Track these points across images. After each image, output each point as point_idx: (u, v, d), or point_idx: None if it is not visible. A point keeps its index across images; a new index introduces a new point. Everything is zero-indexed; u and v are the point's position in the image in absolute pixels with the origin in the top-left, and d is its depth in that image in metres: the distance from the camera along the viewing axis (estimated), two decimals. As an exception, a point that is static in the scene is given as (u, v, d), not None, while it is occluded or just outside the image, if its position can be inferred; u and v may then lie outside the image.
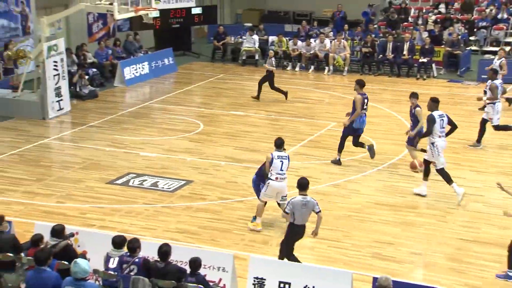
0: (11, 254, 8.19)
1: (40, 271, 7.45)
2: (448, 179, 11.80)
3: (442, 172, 11.86)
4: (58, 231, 8.33)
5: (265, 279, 8.34)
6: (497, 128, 14.68)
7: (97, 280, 8.11)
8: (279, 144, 10.60)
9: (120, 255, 8.08)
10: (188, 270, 7.85)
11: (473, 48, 23.33)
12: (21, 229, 9.91)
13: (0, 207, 11.43)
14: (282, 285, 8.24)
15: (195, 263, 7.82)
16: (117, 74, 20.14)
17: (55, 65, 16.66)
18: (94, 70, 19.83)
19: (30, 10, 19.99)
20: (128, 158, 13.95)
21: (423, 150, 12.42)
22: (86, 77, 18.90)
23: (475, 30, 23.99)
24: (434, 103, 11.93)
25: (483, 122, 14.67)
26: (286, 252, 9.19)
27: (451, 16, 24.29)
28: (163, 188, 12.26)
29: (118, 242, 8.21)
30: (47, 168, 13.42)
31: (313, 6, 28.40)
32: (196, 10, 23.84)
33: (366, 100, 13.19)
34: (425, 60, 20.95)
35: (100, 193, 12.25)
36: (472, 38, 23.78)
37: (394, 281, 7.40)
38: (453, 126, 12.15)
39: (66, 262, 7.69)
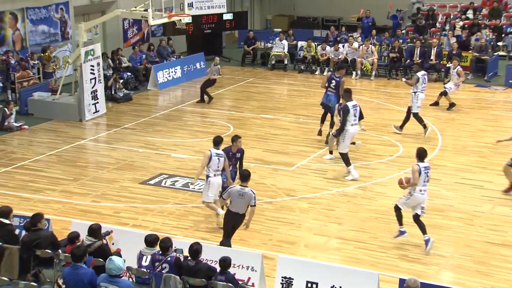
0: (49, 251, 8.32)
1: (76, 268, 7.55)
2: (347, 163, 12.74)
3: (343, 155, 12.73)
4: (94, 230, 8.43)
5: (292, 279, 8.32)
6: (415, 116, 15.32)
7: (130, 277, 8.21)
8: (217, 142, 10.69)
9: (153, 253, 8.15)
10: (218, 269, 7.88)
11: (501, 53, 22.94)
12: (59, 227, 10.07)
13: (40, 205, 11.64)
14: (309, 285, 8.22)
15: (225, 262, 7.84)
16: (151, 77, 20.32)
17: (91, 69, 16.89)
18: (129, 74, 20.04)
19: (69, 17, 20.30)
20: (160, 159, 14.05)
21: (353, 143, 13.20)
22: (121, 80, 19.12)
23: (503, 35, 23.61)
24: (347, 93, 12.91)
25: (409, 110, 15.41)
26: (223, 235, 9.56)
27: (479, 21, 23.93)
28: (194, 188, 12.32)
29: (150, 240, 8.29)
30: (83, 168, 13.61)
31: (342, 12, 28.25)
32: (227, 16, 23.93)
33: (333, 80, 14.02)
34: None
35: (133, 193, 12.37)
36: (500, 43, 23.40)
37: (422, 283, 7.32)
38: (361, 116, 12.99)
39: (101, 260, 7.79)
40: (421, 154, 10.02)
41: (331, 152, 13.95)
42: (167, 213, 11.52)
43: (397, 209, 10.21)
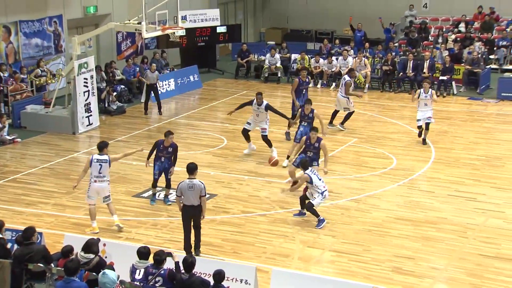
0: (41, 265, 8.28)
1: (69, 281, 7.52)
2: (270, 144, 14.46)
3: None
4: (89, 245, 8.36)
5: (286, 292, 8.31)
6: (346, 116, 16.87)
7: (123, 290, 8.16)
8: (100, 147, 11.05)
9: (146, 266, 8.13)
10: (212, 282, 7.86)
11: (493, 66, 23.11)
12: (52, 240, 10.04)
13: (33, 219, 11.60)
14: (303, 298, 8.21)
15: (219, 275, 7.83)
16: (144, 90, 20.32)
17: (85, 82, 16.91)
18: (122, 86, 20.06)
19: (63, 30, 20.33)
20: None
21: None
22: (114, 93, 19.13)
23: (495, 49, 23.80)
24: (259, 95, 14.65)
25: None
26: (184, 231, 10.05)
27: (471, 35, 24.13)
28: (187, 201, 12.27)
29: (143, 253, 8.27)
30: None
31: (335, 25, 28.43)
32: (221, 29, 24.03)
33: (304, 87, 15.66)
34: (445, 78, 20.82)
35: (126, 205, 12.35)
36: (492, 56, 23.58)
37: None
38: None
39: (94, 274, 7.76)
40: (305, 165, 11.45)
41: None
42: (160, 226, 11.50)
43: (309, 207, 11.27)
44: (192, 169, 10.03)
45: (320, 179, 11.39)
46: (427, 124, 15.65)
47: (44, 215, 11.81)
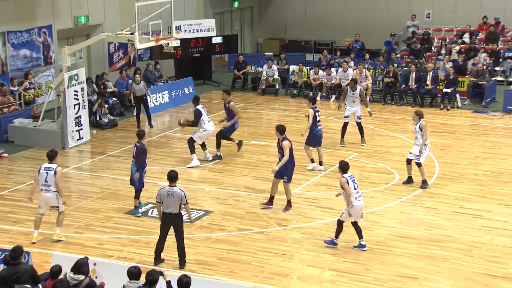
0: (28, 286, 8.24)
1: (57, 303, 7.47)
2: (192, 150, 15.27)
3: (189, 142, 15.31)
4: (79, 266, 8.30)
5: (285, 313, 8.26)
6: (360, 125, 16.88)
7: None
8: (50, 156, 11.40)
9: (137, 287, 8.09)
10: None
11: (499, 78, 23.22)
12: (39, 260, 10.00)
13: (20, 238, 11.56)
14: (302, 319, 8.16)
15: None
16: (137, 103, 20.35)
17: (75, 95, 16.94)
18: (114, 99, 20.10)
19: (52, 40, 20.40)
20: (147, 187, 13.99)
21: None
22: (106, 106, 19.15)
23: (500, 60, 23.92)
24: (196, 98, 15.67)
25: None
26: (159, 236, 10.46)
27: (476, 46, 24.26)
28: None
29: (134, 273, 8.23)
30: (66, 198, 13.51)
31: (334, 36, 28.60)
32: (217, 40, 24.14)
33: (318, 114, 14.98)
34: (449, 90, 20.90)
35: (118, 223, 12.32)
36: (497, 68, 23.70)
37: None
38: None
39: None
40: (344, 167, 11.09)
41: (312, 161, 14.98)
42: (153, 244, 11.43)
43: (340, 223, 11.15)
44: (172, 177, 10.38)
45: (355, 189, 11.03)
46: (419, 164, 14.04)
47: (31, 234, 11.75)
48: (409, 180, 14.08)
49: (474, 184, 14.36)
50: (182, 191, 10.26)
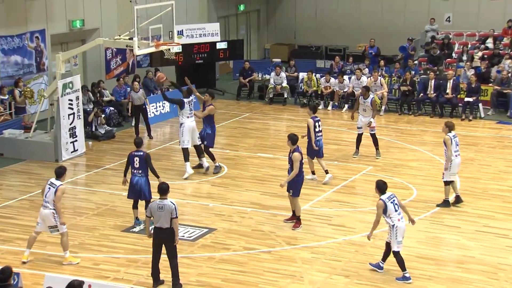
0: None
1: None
2: (186, 158, 15.48)
3: (184, 150, 15.47)
4: None
5: None
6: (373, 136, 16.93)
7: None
8: (60, 173, 11.44)
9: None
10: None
11: (525, 86, 23.19)
12: (30, 282, 10.03)
13: (9, 257, 11.59)
14: None
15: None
16: (136, 113, 20.44)
17: (70, 104, 17.02)
18: (112, 108, 20.18)
19: (45, 46, 20.54)
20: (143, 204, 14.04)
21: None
22: (102, 116, 19.23)
23: (526, 66, 23.90)
24: (185, 92, 16.03)
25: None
26: (152, 255, 10.44)
27: (500, 51, 24.26)
28: (183, 236, 12.28)
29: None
30: (64, 219, 13.54)
31: (347, 41, 28.68)
32: (221, 45, 24.25)
33: (318, 123, 15.18)
34: (470, 99, 20.89)
35: (115, 241, 12.33)
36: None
37: None
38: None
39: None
40: (381, 187, 10.82)
41: (313, 172, 15.27)
42: (152, 264, 11.45)
43: (396, 254, 10.74)
44: (163, 189, 10.43)
45: (396, 210, 10.76)
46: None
47: (22, 253, 11.77)
48: (458, 200, 13.87)
49: (498, 200, 14.31)
50: (173, 204, 10.29)
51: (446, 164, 13.63)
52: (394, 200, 10.82)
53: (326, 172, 15.21)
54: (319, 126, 15.15)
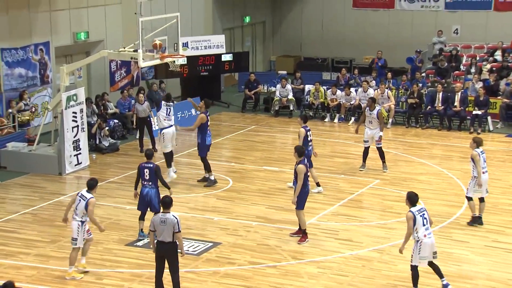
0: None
1: None
2: (169, 163, 15.93)
3: (166, 155, 16.05)
4: None
5: None
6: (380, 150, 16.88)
7: None
8: (91, 185, 11.40)
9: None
10: None
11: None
12: (33, 295, 10.00)
13: (11, 272, 11.58)
14: None
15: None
16: (140, 125, 20.48)
17: (74, 116, 17.08)
18: (116, 121, 20.23)
19: (50, 58, 20.63)
20: (150, 217, 13.96)
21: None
22: (106, 128, 19.27)
23: (536, 79, 23.88)
24: (165, 97, 16.53)
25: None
26: (155, 270, 10.47)
27: (509, 64, 24.25)
28: (187, 250, 12.27)
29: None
30: (62, 229, 13.55)
31: (354, 53, 28.73)
32: (227, 57, 24.32)
33: (309, 133, 15.25)
34: (479, 112, 20.87)
35: (119, 256, 12.33)
36: (532, 88, 23.64)
37: None
38: None
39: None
40: (413, 199, 10.70)
41: (318, 184, 15.33)
42: (156, 279, 11.44)
43: (414, 268, 10.61)
44: (166, 203, 10.49)
45: (424, 225, 10.56)
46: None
47: (25, 267, 11.79)
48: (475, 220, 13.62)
49: (508, 215, 14.26)
50: (176, 217, 10.30)
51: (474, 180, 13.39)
52: (424, 214, 10.63)
53: (318, 184, 15.38)
54: (310, 135, 15.26)
